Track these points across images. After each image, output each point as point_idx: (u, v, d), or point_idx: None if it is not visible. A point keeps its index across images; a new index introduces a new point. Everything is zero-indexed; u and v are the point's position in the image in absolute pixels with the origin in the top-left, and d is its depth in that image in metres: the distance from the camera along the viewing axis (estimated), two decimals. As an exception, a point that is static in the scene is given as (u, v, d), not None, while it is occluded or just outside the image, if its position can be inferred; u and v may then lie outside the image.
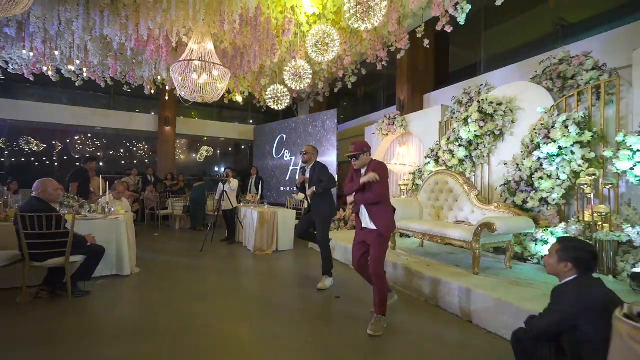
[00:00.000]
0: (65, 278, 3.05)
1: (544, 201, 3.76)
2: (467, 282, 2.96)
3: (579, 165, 3.49)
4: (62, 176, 5.69)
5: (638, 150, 2.97)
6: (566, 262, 1.54)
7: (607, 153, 3.28)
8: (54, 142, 10.97)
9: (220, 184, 6.24)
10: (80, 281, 3.22)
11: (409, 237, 4.84)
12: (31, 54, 5.10)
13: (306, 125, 8.92)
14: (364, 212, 2.76)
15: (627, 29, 3.87)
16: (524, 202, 3.87)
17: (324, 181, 3.65)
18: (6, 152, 10.37)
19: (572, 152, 3.52)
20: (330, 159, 8.08)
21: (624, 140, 3.07)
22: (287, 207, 7.19)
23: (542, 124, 3.84)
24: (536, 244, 3.61)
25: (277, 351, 2.29)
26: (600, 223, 3.21)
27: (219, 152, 13.38)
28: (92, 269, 3.25)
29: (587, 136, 3.43)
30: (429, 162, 5.36)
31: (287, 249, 5.66)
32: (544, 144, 3.70)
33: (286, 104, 6.57)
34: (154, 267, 4.42)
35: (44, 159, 11.22)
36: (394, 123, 6.63)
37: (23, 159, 10.84)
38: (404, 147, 6.75)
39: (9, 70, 6.43)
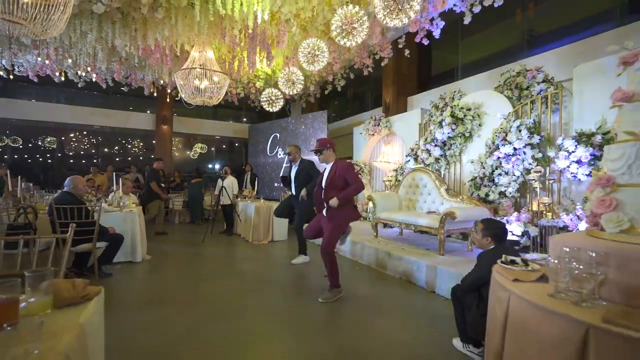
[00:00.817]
0: (92, 261, 3.56)
1: (502, 194, 4.39)
2: (433, 261, 3.57)
3: (530, 164, 4.12)
4: (61, 174, 6.19)
5: (572, 152, 3.61)
6: (487, 237, 2.14)
7: (551, 153, 3.92)
8: (49, 140, 11.24)
9: (219, 180, 6.73)
10: (103, 264, 3.72)
11: (392, 227, 5.45)
12: (47, 61, 5.49)
13: (298, 125, 9.44)
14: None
15: (570, 47, 4.51)
16: (487, 195, 4.51)
17: (314, 177, 4.26)
18: (-1, 151, 10.62)
19: (524, 153, 4.15)
20: (320, 156, 8.61)
21: (562, 143, 3.71)
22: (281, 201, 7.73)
23: (501, 128, 4.46)
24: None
25: (275, 314, 2.88)
26: (544, 212, 3.85)
27: (213, 149, 13.79)
28: (113, 254, 3.77)
29: (535, 139, 4.06)
30: (409, 160, 5.96)
31: (281, 239, 6.21)
32: (502, 145, 4.33)
33: (280, 106, 7.09)
34: (161, 255, 4.94)
35: (37, 156, 11.51)
36: (379, 124, 7.21)
37: (16, 156, 11.10)
38: (388, 146, 7.34)
39: (15, 72, 6.76)
